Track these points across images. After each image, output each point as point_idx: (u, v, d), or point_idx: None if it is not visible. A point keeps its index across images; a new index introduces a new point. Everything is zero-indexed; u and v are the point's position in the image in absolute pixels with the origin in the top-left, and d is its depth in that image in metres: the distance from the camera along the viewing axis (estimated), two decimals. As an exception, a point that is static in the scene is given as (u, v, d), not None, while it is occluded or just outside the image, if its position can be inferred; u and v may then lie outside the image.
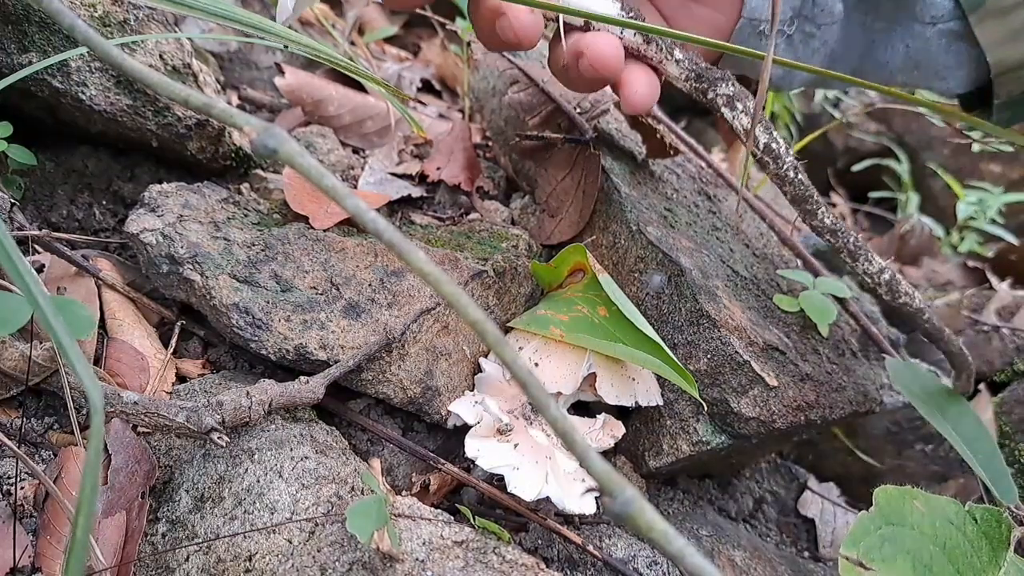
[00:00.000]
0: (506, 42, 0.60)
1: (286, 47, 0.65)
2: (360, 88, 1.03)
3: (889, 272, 0.68)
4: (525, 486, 0.56)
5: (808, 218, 0.66)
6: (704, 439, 0.68)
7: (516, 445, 0.59)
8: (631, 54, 0.64)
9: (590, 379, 0.66)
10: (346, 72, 0.71)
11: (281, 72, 0.98)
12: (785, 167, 0.64)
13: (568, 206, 0.83)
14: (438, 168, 0.88)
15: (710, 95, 0.64)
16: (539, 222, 0.85)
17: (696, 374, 0.68)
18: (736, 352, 0.66)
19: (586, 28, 0.62)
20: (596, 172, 0.79)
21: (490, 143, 1.01)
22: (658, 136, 0.87)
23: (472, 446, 0.59)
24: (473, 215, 0.84)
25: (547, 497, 0.56)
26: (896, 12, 0.68)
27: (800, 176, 0.65)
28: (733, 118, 0.64)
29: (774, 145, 0.64)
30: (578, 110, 0.87)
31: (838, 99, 1.62)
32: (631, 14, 0.62)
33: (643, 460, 0.70)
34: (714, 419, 0.68)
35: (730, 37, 0.68)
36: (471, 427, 0.61)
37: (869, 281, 0.68)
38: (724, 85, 0.64)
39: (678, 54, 0.64)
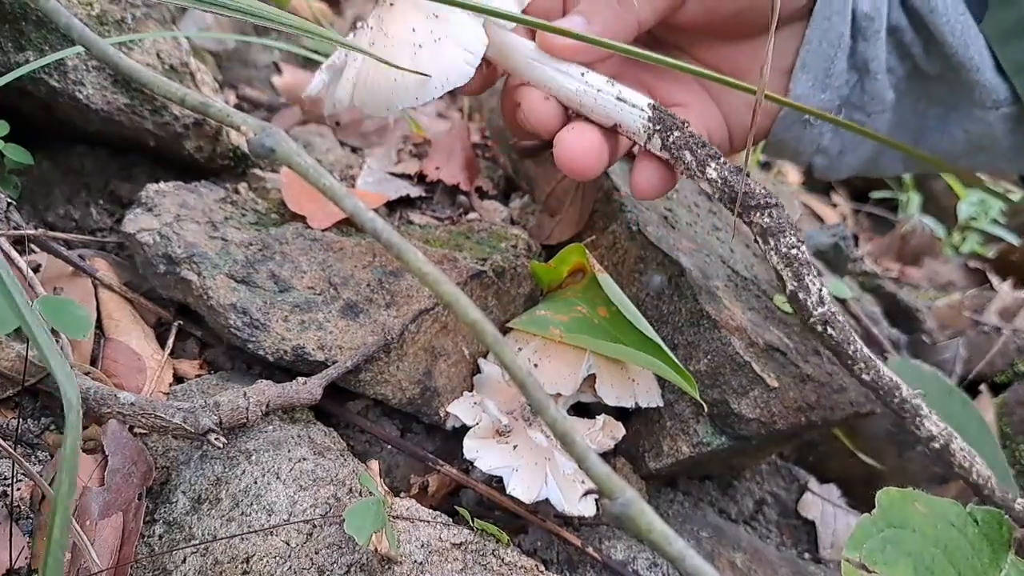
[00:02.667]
0: (528, 130, 0.62)
1: (304, 33, 0.65)
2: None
3: (943, 439, 0.58)
4: (524, 488, 0.56)
5: (849, 373, 0.59)
6: (704, 440, 0.67)
7: (515, 446, 0.59)
8: (657, 158, 0.60)
9: (590, 380, 0.65)
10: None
11: (279, 71, 0.97)
12: (812, 320, 0.57)
13: (567, 206, 0.82)
14: (437, 168, 0.87)
15: (745, 218, 0.58)
16: (538, 221, 0.85)
17: (696, 375, 0.67)
18: (737, 353, 0.66)
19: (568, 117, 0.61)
20: None
21: (489, 143, 1.01)
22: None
23: (471, 447, 0.58)
24: (472, 215, 0.84)
25: (546, 499, 0.56)
26: (952, 97, 0.65)
27: (831, 331, 0.57)
28: (765, 252, 0.58)
29: (801, 295, 0.57)
30: None
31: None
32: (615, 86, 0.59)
33: (643, 461, 0.70)
34: (714, 420, 0.68)
35: (774, 124, 0.66)
36: (470, 428, 0.60)
37: (925, 448, 0.61)
38: (760, 214, 0.57)
39: (712, 172, 0.57)
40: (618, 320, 0.66)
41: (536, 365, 0.65)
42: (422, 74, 0.54)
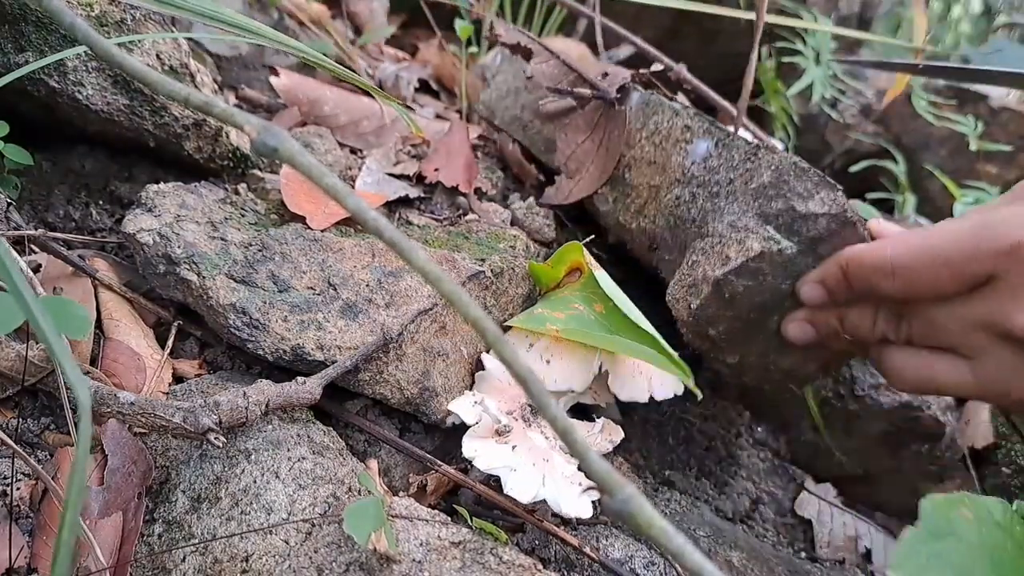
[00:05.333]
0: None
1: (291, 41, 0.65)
2: (357, 88, 1.02)
3: None
4: (522, 488, 0.56)
5: None
6: (774, 237, 0.65)
7: (514, 447, 0.59)
8: None
9: (603, 378, 0.66)
10: (338, 76, 0.71)
11: (275, 73, 0.98)
12: None
13: (588, 165, 0.85)
14: (436, 169, 0.88)
15: None
16: (557, 184, 0.88)
17: (761, 188, 0.67)
18: (797, 160, 0.67)
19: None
20: (622, 127, 0.81)
21: (487, 142, 1.01)
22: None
23: (470, 446, 0.59)
24: (471, 216, 0.84)
25: (543, 499, 0.56)
26: None
27: None
28: None
29: None
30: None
31: (836, 99, 1.63)
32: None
33: (708, 271, 0.68)
34: (780, 229, 0.66)
35: None
36: (469, 427, 0.61)
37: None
38: None
39: None
40: (614, 315, 0.67)
41: (548, 361, 0.66)
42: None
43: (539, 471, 0.58)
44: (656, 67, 0.94)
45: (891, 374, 0.65)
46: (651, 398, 0.67)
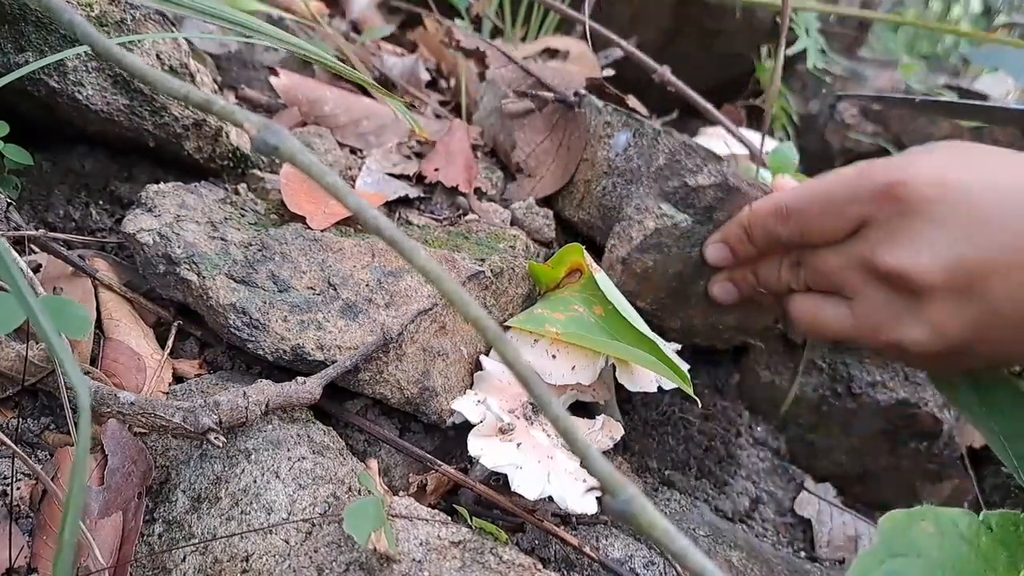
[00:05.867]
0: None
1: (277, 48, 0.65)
2: (356, 87, 1.02)
3: None
4: (528, 485, 0.56)
5: None
6: (667, 213, 0.74)
7: (519, 444, 0.59)
8: None
9: (609, 371, 0.67)
10: (339, 73, 0.71)
11: (274, 74, 0.97)
12: None
13: (549, 164, 0.89)
14: (436, 169, 0.88)
15: None
16: (518, 182, 0.92)
17: (659, 169, 0.75)
18: (687, 139, 0.77)
19: None
20: (582, 129, 0.85)
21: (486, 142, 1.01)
22: (628, 106, 0.93)
23: (475, 445, 0.59)
24: (471, 216, 0.84)
25: (548, 496, 0.56)
26: None
27: None
28: None
29: None
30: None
31: (836, 98, 1.63)
32: None
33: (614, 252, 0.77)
34: (678, 204, 0.74)
35: None
36: (471, 426, 0.61)
37: None
38: None
39: None
40: (614, 318, 0.67)
41: (554, 357, 0.66)
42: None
43: (544, 468, 0.58)
44: (608, 72, 1.01)
45: (792, 321, 0.70)
46: (659, 388, 0.69)
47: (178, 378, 0.66)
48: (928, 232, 0.56)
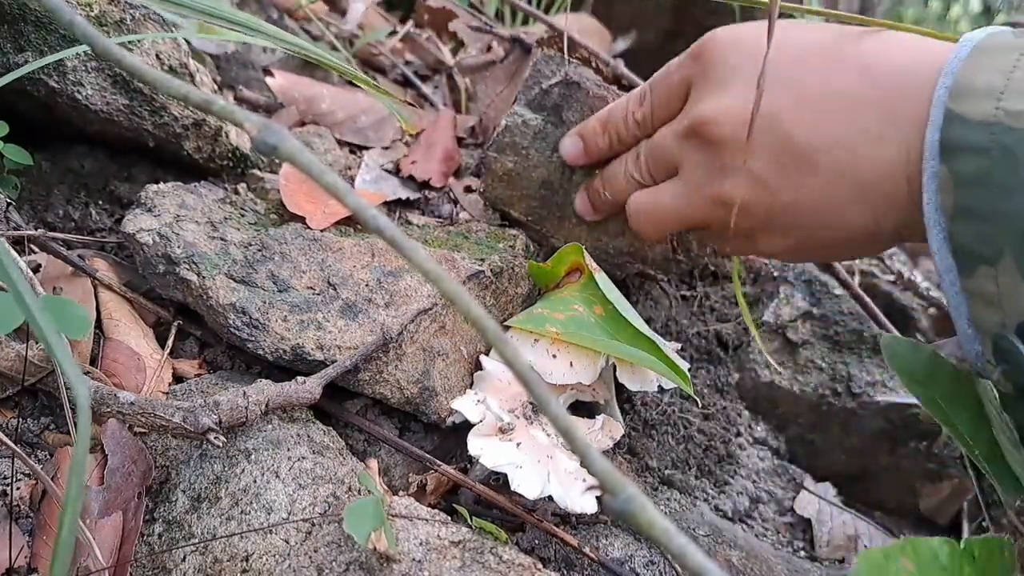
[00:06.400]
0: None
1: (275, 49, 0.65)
2: (354, 85, 1.02)
3: None
4: (528, 484, 0.56)
5: None
6: (518, 112, 0.77)
7: (519, 444, 0.59)
8: None
9: (609, 369, 0.67)
10: (337, 72, 0.71)
11: (270, 74, 0.97)
12: None
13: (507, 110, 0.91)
14: (413, 163, 0.87)
15: None
16: (483, 133, 0.95)
17: (525, 81, 0.79)
18: (551, 52, 0.81)
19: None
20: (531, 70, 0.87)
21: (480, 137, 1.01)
22: (594, 65, 0.93)
23: (475, 444, 0.59)
24: (464, 214, 0.84)
25: (548, 496, 0.56)
26: None
27: None
28: None
29: None
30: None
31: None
32: None
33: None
34: (533, 108, 0.77)
35: None
36: (471, 426, 0.61)
37: None
38: None
39: None
40: (614, 318, 0.67)
41: (555, 356, 0.66)
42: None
43: (544, 467, 0.58)
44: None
45: (633, 220, 0.71)
46: (659, 387, 0.69)
47: (178, 378, 0.66)
48: (729, 81, 0.60)
